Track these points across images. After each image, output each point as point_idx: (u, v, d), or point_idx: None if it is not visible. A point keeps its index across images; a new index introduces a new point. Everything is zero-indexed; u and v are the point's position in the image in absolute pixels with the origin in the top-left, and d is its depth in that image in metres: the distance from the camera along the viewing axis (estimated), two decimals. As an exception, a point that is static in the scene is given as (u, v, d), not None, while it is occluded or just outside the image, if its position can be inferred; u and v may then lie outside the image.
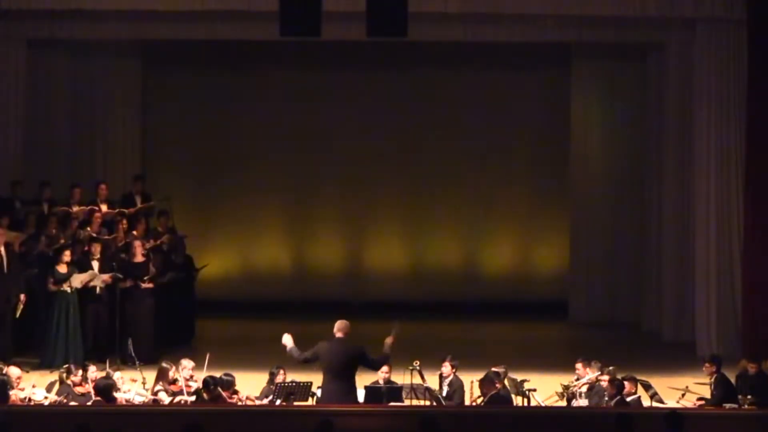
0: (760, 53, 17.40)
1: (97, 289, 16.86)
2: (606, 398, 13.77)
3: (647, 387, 14.32)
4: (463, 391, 14.44)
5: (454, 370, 14.51)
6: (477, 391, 14.22)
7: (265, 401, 13.99)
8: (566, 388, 14.49)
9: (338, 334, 13.16)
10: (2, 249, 16.37)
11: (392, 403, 13.39)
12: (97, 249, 16.95)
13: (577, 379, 14.53)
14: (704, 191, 17.95)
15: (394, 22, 15.44)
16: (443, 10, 17.40)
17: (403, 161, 21.83)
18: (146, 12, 17.71)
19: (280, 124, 21.75)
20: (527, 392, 14.29)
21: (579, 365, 14.68)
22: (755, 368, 14.81)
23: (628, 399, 13.78)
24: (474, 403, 14.07)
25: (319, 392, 13.62)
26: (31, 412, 13.04)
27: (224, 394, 13.73)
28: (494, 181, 21.95)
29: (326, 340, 13.16)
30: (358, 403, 13.18)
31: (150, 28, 18.02)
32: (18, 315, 16.58)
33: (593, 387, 14.28)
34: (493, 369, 14.23)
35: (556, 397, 14.50)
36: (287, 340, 13.22)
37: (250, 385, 14.55)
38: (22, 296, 16.49)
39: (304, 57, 21.19)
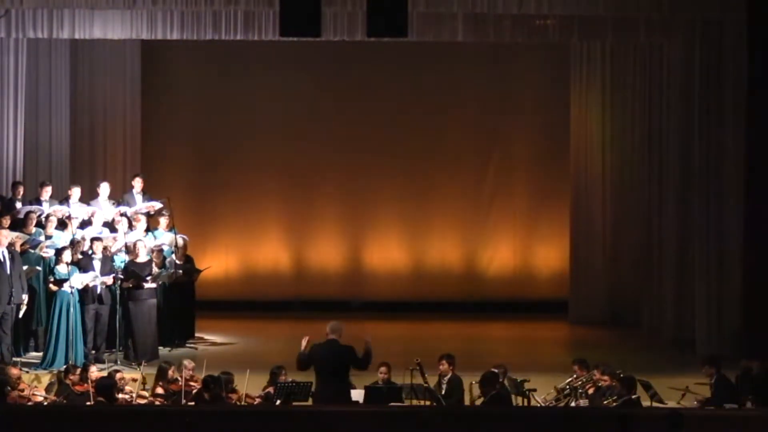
0: (760, 53, 17.41)
1: (98, 289, 16.86)
2: (615, 397, 13.79)
3: (647, 387, 14.33)
4: (461, 389, 14.47)
5: (451, 368, 14.53)
6: (476, 391, 14.24)
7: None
8: (561, 391, 14.55)
9: (332, 336, 13.19)
10: (5, 249, 16.36)
11: (392, 403, 13.39)
12: (98, 248, 16.96)
13: (577, 377, 14.59)
14: (704, 191, 17.95)
15: (394, 22, 15.45)
16: (443, 10, 17.40)
17: (403, 161, 21.82)
18: (146, 12, 17.71)
19: (280, 124, 21.76)
20: (527, 392, 14.32)
21: (575, 367, 14.74)
22: (760, 366, 14.78)
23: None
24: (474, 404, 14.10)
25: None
26: (31, 412, 13.04)
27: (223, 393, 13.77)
28: (494, 181, 21.95)
29: (318, 344, 13.20)
30: (353, 402, 13.19)
31: (150, 28, 18.01)
32: (21, 315, 16.61)
33: (599, 389, 14.34)
34: (493, 369, 14.28)
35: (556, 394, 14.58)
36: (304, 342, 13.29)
37: (250, 385, 14.55)
38: (25, 297, 16.50)
39: (304, 57, 21.19)
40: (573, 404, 14.27)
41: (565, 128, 21.13)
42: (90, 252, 16.99)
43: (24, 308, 16.55)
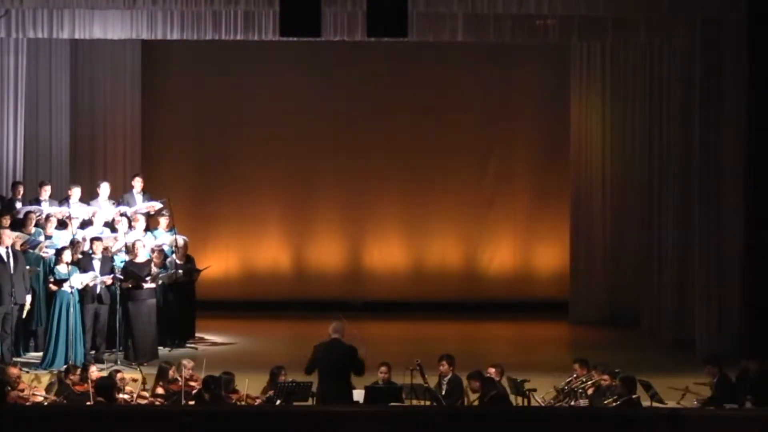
0: (760, 53, 17.41)
1: (98, 289, 16.86)
2: (615, 397, 13.80)
3: (647, 387, 14.33)
4: (461, 389, 14.49)
5: (452, 369, 14.54)
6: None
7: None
8: (561, 390, 14.57)
9: (335, 335, 13.20)
10: (7, 249, 16.36)
11: (392, 403, 13.39)
12: (98, 248, 16.96)
13: (577, 377, 14.60)
14: (704, 190, 17.94)
15: (394, 22, 15.47)
16: (443, 10, 17.40)
17: (403, 161, 21.82)
18: (146, 12, 17.72)
19: (281, 124, 21.77)
20: (527, 392, 14.32)
21: (576, 366, 14.76)
22: (758, 367, 14.78)
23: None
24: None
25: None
26: (31, 412, 13.03)
27: (223, 393, 13.77)
28: (494, 181, 21.96)
29: (321, 343, 13.20)
30: (353, 402, 13.19)
31: (150, 28, 18.02)
32: (24, 315, 16.63)
33: (599, 389, 14.35)
34: (491, 368, 14.35)
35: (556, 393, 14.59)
36: None
37: (250, 385, 14.55)
38: (28, 297, 16.51)
39: (304, 57, 21.19)
40: (573, 404, 14.27)
41: (565, 128, 21.13)
42: (90, 252, 16.99)
43: (27, 308, 16.57)
